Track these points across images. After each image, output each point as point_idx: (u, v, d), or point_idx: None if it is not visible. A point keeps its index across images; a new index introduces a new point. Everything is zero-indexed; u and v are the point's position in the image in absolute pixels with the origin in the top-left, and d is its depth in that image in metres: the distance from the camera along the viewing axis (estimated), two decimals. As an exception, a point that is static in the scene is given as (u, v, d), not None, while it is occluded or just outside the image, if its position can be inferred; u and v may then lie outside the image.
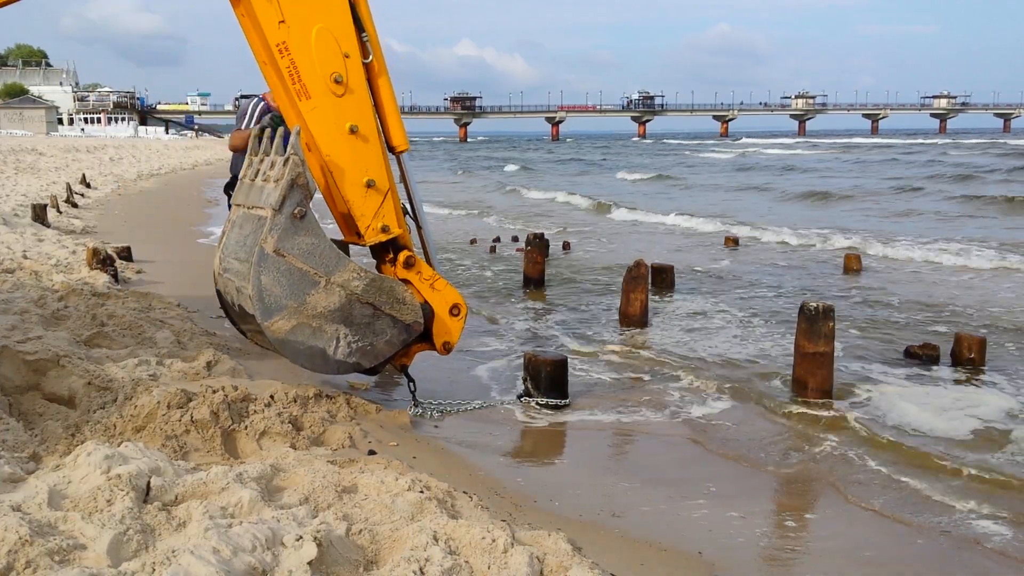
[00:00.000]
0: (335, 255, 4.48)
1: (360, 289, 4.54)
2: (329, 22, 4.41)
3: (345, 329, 4.57)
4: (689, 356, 6.72)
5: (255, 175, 4.64)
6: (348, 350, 4.60)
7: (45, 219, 12.25)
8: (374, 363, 4.78)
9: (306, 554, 2.49)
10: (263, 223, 4.34)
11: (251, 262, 4.34)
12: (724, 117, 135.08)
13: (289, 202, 4.30)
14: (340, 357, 4.59)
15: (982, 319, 8.02)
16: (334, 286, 4.49)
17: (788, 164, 42.77)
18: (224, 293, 4.83)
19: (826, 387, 5.61)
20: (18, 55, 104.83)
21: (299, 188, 4.30)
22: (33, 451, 3.44)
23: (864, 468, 4.46)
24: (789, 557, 3.52)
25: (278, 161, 4.41)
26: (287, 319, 4.43)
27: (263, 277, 4.35)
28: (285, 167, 4.30)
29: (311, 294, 4.45)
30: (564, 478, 4.29)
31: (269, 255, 4.33)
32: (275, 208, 4.28)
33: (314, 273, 4.44)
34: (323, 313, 4.50)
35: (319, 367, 4.58)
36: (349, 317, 4.56)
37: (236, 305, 4.63)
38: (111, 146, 46.05)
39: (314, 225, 4.41)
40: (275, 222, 4.30)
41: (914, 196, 23.26)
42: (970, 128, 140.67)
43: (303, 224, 4.35)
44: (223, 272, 4.75)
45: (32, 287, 6.95)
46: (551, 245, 12.41)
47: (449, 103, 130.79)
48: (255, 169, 4.67)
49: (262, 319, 4.40)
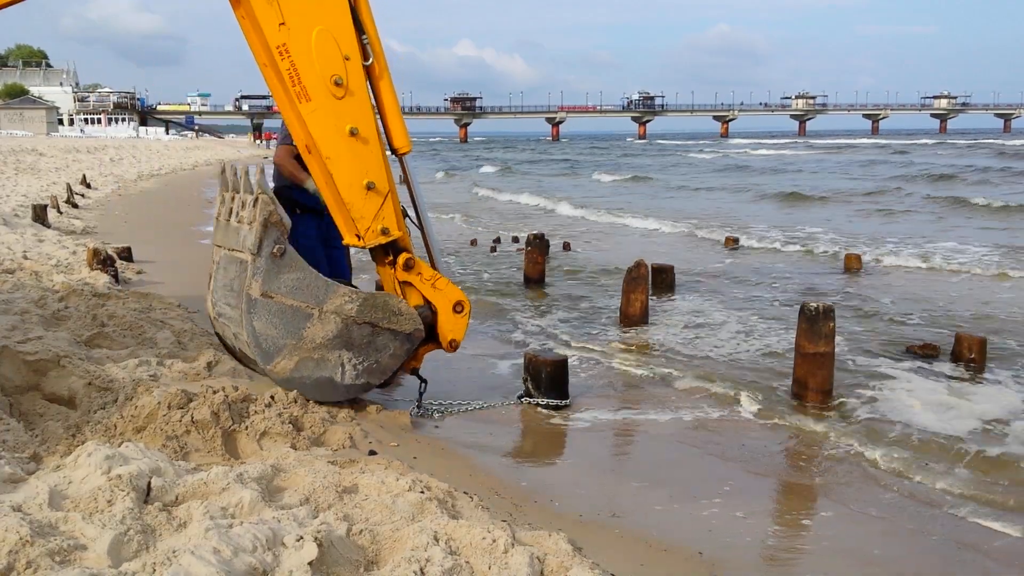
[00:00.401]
0: (323, 284, 4.49)
1: (355, 311, 4.55)
2: (329, 24, 4.41)
3: (348, 353, 4.58)
4: (689, 356, 6.72)
5: (228, 214, 4.64)
6: (355, 372, 4.61)
7: (45, 219, 12.26)
8: (383, 379, 4.80)
9: (307, 554, 2.49)
10: (245, 267, 4.36)
11: (241, 309, 4.36)
12: (724, 117, 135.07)
13: (266, 243, 4.30)
14: (348, 381, 4.61)
15: (982, 318, 8.02)
16: (328, 314, 4.50)
17: (772, 166, 42.81)
18: (223, 337, 4.83)
19: (827, 387, 5.61)
20: (18, 55, 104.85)
21: (273, 226, 4.30)
22: (33, 451, 3.44)
23: (865, 468, 4.47)
24: (790, 557, 3.53)
25: (248, 201, 4.40)
26: (288, 358, 4.44)
27: (256, 323, 4.37)
28: (255, 208, 4.29)
29: (307, 327, 4.47)
30: (564, 478, 4.30)
31: (257, 300, 4.35)
32: (253, 252, 4.29)
33: (306, 306, 4.45)
34: (323, 343, 4.51)
35: (330, 396, 4.58)
36: (349, 341, 4.57)
37: (236, 349, 4.63)
38: (111, 146, 46.02)
39: (295, 259, 4.43)
40: (256, 266, 4.31)
41: (882, 197, 23.18)
42: (970, 128, 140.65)
43: (284, 261, 4.36)
44: (218, 316, 4.77)
45: (32, 287, 6.96)
46: (551, 245, 12.44)
47: (449, 103, 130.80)
48: (228, 208, 4.67)
49: (264, 364, 4.42)
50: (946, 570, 3.43)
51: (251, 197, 4.32)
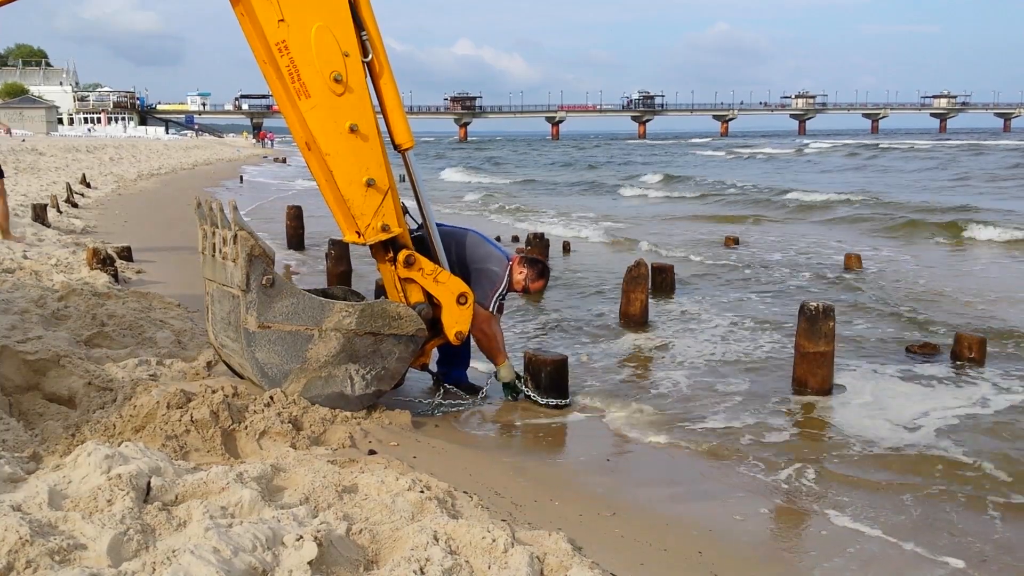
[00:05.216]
0: (317, 304, 4.50)
1: (354, 324, 4.55)
2: (329, 20, 4.41)
3: (354, 366, 4.59)
4: (689, 355, 6.71)
5: (213, 249, 4.65)
6: (364, 383, 4.62)
7: (45, 219, 12.25)
8: (393, 383, 4.81)
9: (306, 554, 2.49)
10: (238, 302, 4.38)
11: (242, 343, 4.38)
12: (724, 117, 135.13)
13: (253, 277, 4.31)
14: (359, 392, 4.62)
15: (981, 318, 8.01)
16: (328, 332, 4.51)
17: (729, 166, 42.13)
18: (229, 364, 4.85)
19: (826, 386, 5.61)
20: (18, 55, 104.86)
21: (258, 259, 4.31)
22: (33, 451, 3.44)
23: (865, 468, 4.46)
24: (790, 558, 3.52)
25: (228, 237, 4.41)
26: (296, 380, 4.46)
27: (258, 354, 4.39)
28: (236, 245, 4.30)
29: (309, 349, 4.48)
30: (564, 478, 4.29)
31: (255, 332, 4.36)
32: (243, 288, 4.31)
33: (305, 329, 4.46)
34: (328, 361, 4.52)
35: (343, 407, 4.58)
36: (354, 353, 4.58)
37: (244, 377, 4.65)
38: (111, 146, 46.02)
39: (286, 286, 4.45)
40: (248, 300, 4.33)
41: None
42: (970, 128, 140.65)
43: (275, 290, 4.37)
44: (221, 347, 4.80)
45: (32, 287, 6.95)
46: (551, 245, 12.41)
47: (449, 103, 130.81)
48: (211, 243, 4.68)
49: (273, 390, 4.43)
50: (947, 570, 3.42)
51: (231, 234, 4.33)
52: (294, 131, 4.69)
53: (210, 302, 4.84)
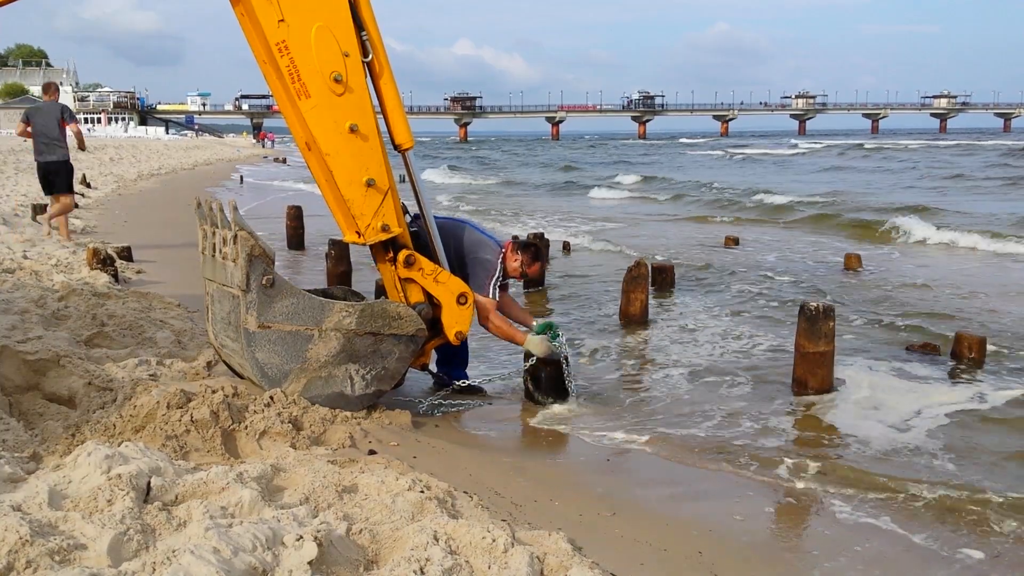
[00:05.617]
0: (317, 304, 4.50)
1: (354, 324, 4.56)
2: (328, 20, 4.41)
3: (354, 366, 4.59)
4: (688, 355, 6.71)
5: (212, 249, 4.66)
6: (364, 383, 4.63)
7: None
8: (393, 383, 4.82)
9: (306, 554, 2.49)
10: (238, 302, 4.38)
11: (242, 343, 4.38)
12: (724, 117, 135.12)
13: (253, 277, 4.31)
14: (359, 392, 4.62)
15: (981, 318, 8.01)
16: (328, 332, 4.51)
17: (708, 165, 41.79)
18: (229, 365, 4.86)
19: (826, 386, 5.61)
20: (18, 55, 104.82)
21: (258, 259, 4.31)
22: (33, 451, 3.44)
23: (865, 468, 4.46)
24: (790, 558, 3.52)
25: (228, 237, 4.41)
26: (296, 380, 4.47)
27: (258, 354, 4.39)
28: (236, 245, 4.31)
29: (309, 348, 4.48)
30: (564, 478, 4.29)
31: (255, 332, 4.37)
32: (243, 288, 4.31)
33: (305, 329, 4.46)
34: (328, 361, 4.52)
35: (343, 407, 4.58)
36: (353, 353, 4.58)
37: (245, 377, 4.66)
38: (111, 146, 46.01)
39: (286, 286, 4.45)
40: (248, 300, 4.33)
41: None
42: (971, 128, 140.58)
43: (275, 290, 4.38)
44: (221, 347, 4.81)
45: (32, 287, 6.96)
46: (551, 245, 12.42)
47: (449, 103, 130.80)
48: (211, 243, 4.69)
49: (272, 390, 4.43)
50: (948, 570, 3.42)
51: (231, 234, 4.33)
52: (294, 131, 4.69)
53: (210, 302, 4.85)
